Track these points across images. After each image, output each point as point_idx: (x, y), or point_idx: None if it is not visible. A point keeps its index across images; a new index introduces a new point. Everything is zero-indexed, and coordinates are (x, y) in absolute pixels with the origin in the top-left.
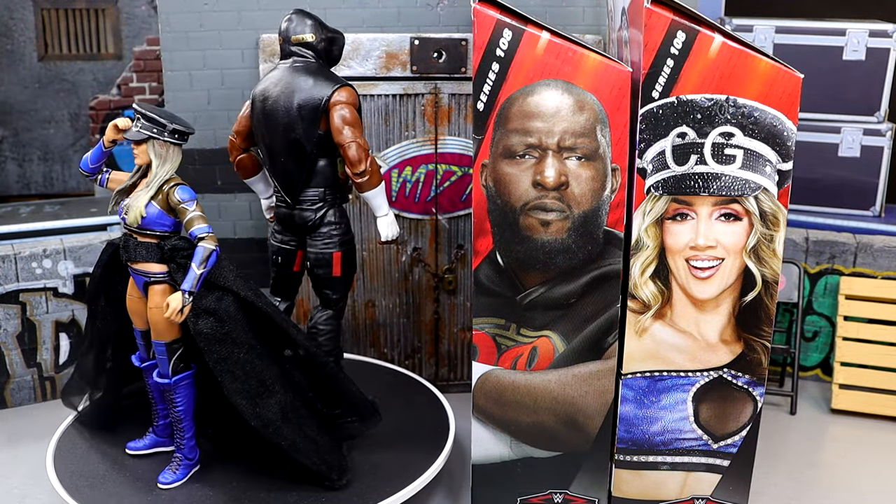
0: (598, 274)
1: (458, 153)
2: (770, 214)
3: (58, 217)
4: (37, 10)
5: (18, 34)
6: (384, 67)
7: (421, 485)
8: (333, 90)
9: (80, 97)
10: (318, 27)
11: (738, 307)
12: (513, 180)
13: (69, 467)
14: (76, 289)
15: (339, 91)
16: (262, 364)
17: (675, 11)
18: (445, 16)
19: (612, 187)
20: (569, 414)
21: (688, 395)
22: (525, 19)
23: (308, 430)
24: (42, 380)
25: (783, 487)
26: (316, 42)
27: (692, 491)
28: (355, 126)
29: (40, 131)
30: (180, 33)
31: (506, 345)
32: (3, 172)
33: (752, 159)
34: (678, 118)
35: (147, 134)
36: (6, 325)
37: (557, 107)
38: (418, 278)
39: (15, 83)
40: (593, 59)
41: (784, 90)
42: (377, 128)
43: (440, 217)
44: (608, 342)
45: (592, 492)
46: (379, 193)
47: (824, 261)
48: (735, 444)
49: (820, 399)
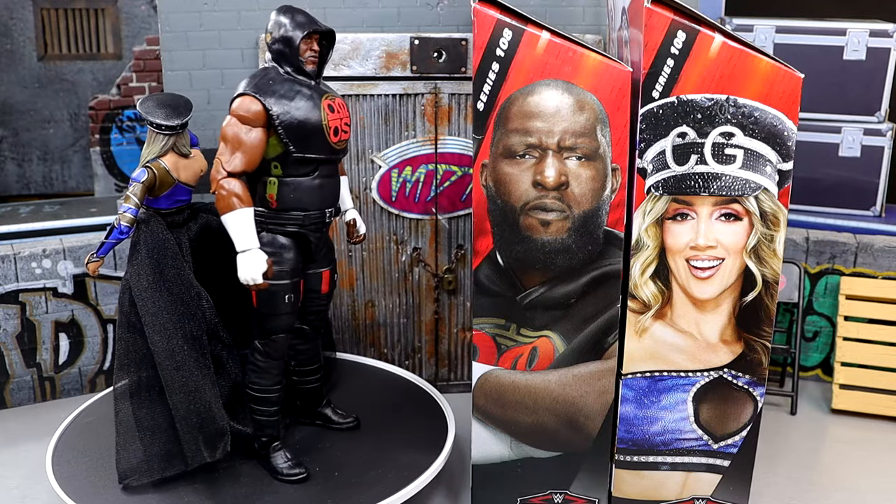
0: (598, 274)
1: (458, 153)
2: (770, 214)
3: (57, 217)
4: (36, 9)
5: (18, 34)
6: (384, 67)
7: (421, 485)
8: (233, 98)
9: (80, 97)
10: (275, 25)
11: (739, 307)
12: (513, 180)
13: (69, 467)
14: (76, 289)
15: (235, 100)
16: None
17: (676, 11)
18: (445, 16)
19: (612, 187)
20: (569, 414)
21: (688, 395)
22: (525, 19)
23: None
24: (42, 380)
25: (783, 487)
26: (270, 42)
27: (692, 491)
28: (226, 141)
29: (40, 131)
30: (180, 33)
31: (506, 345)
32: (3, 172)
33: (752, 159)
34: (678, 118)
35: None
36: (6, 325)
37: (557, 107)
38: (418, 278)
39: (15, 83)
40: (593, 58)
41: (784, 90)
42: (377, 128)
43: (440, 217)
44: (608, 342)
45: (592, 492)
46: (231, 222)
47: (825, 261)
48: (735, 444)
49: (820, 399)
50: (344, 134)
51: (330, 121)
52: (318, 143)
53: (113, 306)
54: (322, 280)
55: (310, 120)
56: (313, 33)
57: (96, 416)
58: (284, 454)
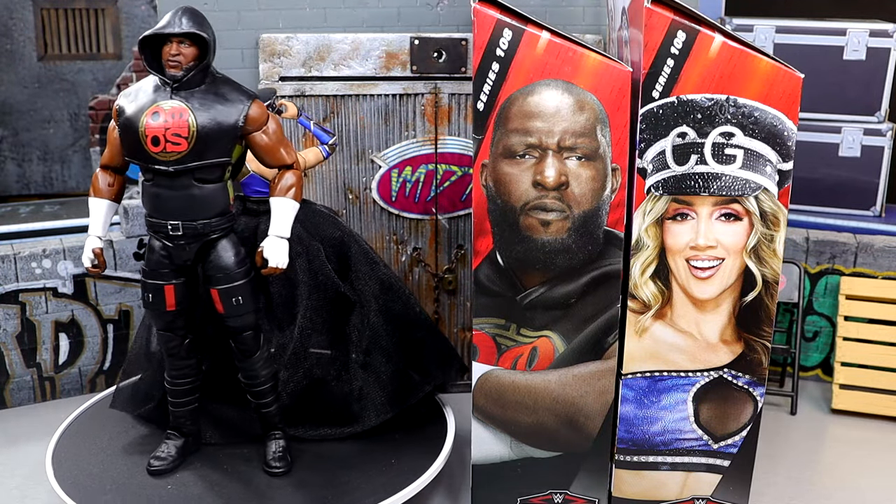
0: (598, 274)
1: (458, 153)
2: (770, 214)
3: (57, 217)
4: (36, 10)
5: (18, 34)
6: (384, 67)
7: (421, 485)
8: None
9: (80, 97)
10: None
11: (739, 307)
12: (513, 180)
13: (69, 467)
14: (76, 289)
15: None
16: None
17: (676, 11)
18: (445, 16)
19: (612, 187)
20: (569, 414)
21: (688, 395)
22: (525, 19)
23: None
24: (41, 380)
25: (783, 487)
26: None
27: (692, 491)
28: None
29: (40, 131)
30: None
31: (506, 345)
32: (3, 172)
33: (752, 159)
34: (678, 118)
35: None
36: (6, 325)
37: (557, 107)
38: (418, 278)
39: (15, 83)
40: (593, 58)
41: (784, 90)
42: (377, 128)
43: (440, 217)
44: (608, 342)
45: (592, 492)
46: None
47: (825, 261)
48: (735, 444)
49: (820, 399)
50: (172, 146)
51: (147, 128)
52: (139, 150)
53: (113, 306)
54: (213, 299)
55: (132, 124)
56: (174, 36)
57: (96, 417)
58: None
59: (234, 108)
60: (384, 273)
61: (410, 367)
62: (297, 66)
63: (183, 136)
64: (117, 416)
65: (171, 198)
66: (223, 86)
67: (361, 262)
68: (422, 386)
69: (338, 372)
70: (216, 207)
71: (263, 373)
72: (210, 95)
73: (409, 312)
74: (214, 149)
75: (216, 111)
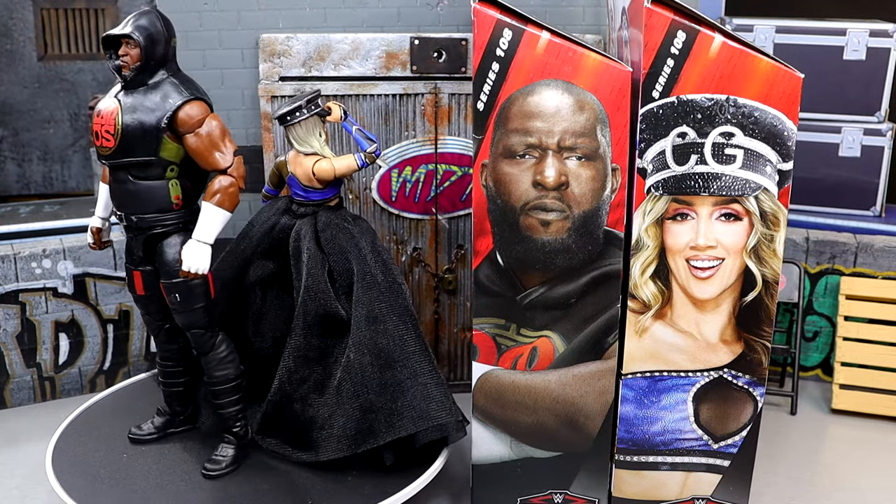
0: (598, 274)
1: (458, 153)
2: (770, 214)
3: (57, 217)
4: (36, 9)
5: (18, 34)
6: (384, 67)
7: (421, 485)
8: None
9: (80, 97)
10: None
11: (739, 307)
12: (513, 180)
13: (69, 467)
14: (76, 289)
15: None
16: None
17: (676, 11)
18: (445, 16)
19: (612, 187)
20: (569, 414)
21: (688, 395)
22: (525, 19)
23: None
24: (42, 380)
25: (783, 487)
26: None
27: (692, 491)
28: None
29: (40, 131)
30: (180, 33)
31: (506, 345)
32: (3, 172)
33: (752, 159)
34: (678, 118)
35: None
36: (6, 325)
37: (557, 107)
38: (418, 278)
39: (15, 83)
40: (593, 58)
41: (784, 90)
42: (377, 128)
43: (440, 217)
44: (608, 342)
45: (592, 492)
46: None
47: (825, 261)
48: (735, 444)
49: (820, 399)
50: (105, 142)
51: (94, 124)
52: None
53: (112, 306)
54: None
55: (91, 120)
56: (122, 37)
57: (96, 417)
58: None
59: (161, 109)
60: (382, 305)
61: (378, 409)
62: (297, 66)
63: (111, 133)
64: (117, 416)
65: (115, 190)
66: (169, 86)
67: (361, 287)
68: (383, 433)
69: (311, 390)
70: (154, 204)
71: (216, 374)
72: (150, 95)
73: (396, 351)
74: (140, 147)
75: (143, 111)
